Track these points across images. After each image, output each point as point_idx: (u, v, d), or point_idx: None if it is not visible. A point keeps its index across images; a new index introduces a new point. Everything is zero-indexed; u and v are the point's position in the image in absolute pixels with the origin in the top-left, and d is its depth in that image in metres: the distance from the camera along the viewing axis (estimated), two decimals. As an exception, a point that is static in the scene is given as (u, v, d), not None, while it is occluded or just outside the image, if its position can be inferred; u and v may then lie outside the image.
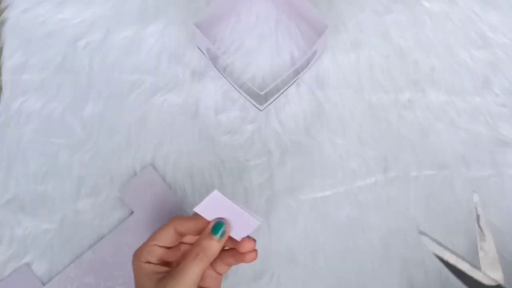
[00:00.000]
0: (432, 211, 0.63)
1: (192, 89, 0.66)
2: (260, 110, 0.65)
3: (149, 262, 0.51)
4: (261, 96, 0.63)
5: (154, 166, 0.64)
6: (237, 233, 0.52)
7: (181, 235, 0.53)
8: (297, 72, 0.65)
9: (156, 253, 0.52)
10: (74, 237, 0.63)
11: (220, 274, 0.54)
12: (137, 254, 0.52)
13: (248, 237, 0.52)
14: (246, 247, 0.52)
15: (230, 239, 0.52)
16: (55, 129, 0.65)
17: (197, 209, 0.51)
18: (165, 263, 0.52)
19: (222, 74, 0.66)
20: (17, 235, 0.63)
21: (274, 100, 0.65)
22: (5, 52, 0.67)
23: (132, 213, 0.63)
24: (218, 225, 0.51)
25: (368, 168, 0.64)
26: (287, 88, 0.65)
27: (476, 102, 0.65)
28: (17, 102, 0.66)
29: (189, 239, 0.54)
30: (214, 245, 0.50)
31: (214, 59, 0.65)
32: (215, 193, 0.50)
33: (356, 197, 0.63)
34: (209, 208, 0.51)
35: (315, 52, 0.64)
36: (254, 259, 0.52)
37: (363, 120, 0.65)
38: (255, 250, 0.52)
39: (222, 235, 0.51)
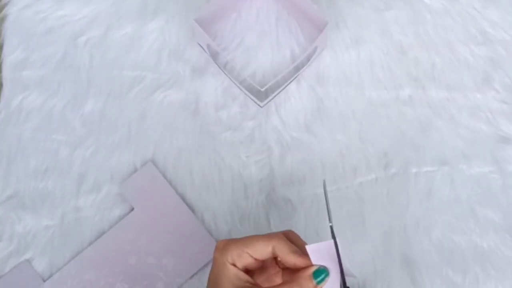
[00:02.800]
0: (432, 207, 0.63)
1: (192, 85, 0.66)
2: (261, 107, 0.65)
3: (235, 265, 0.49)
4: (261, 92, 0.63)
5: (154, 162, 0.64)
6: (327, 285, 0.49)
7: (275, 255, 0.50)
8: (297, 69, 0.65)
9: (245, 261, 0.49)
10: (74, 234, 0.63)
11: None
12: (225, 251, 0.49)
13: None
14: None
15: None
16: (55, 126, 0.65)
17: (309, 248, 0.48)
18: (246, 270, 0.50)
19: (222, 71, 0.66)
20: (17, 231, 0.63)
21: (275, 96, 0.65)
22: (5, 49, 0.67)
23: (132, 209, 0.63)
24: (323, 272, 0.48)
25: (368, 164, 0.64)
26: (287, 85, 0.65)
27: (477, 98, 0.65)
28: (17, 98, 0.66)
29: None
30: None
31: (214, 56, 0.65)
32: (331, 243, 0.48)
33: (357, 193, 0.63)
34: (319, 251, 0.48)
35: (316, 49, 0.64)
36: None
37: (364, 117, 0.65)
38: None
39: (320, 283, 0.48)
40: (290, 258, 0.48)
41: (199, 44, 0.66)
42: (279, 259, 0.50)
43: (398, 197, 0.63)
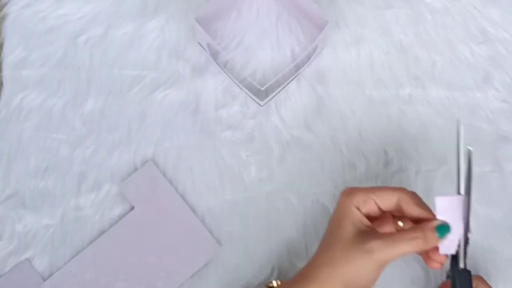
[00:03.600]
0: (433, 206, 0.63)
1: (192, 84, 0.66)
2: (261, 106, 0.65)
3: (359, 209, 0.51)
4: (261, 91, 0.63)
5: (154, 161, 0.64)
6: (444, 245, 0.51)
7: (398, 208, 0.52)
8: (297, 68, 0.65)
9: (370, 207, 0.51)
10: (74, 233, 0.63)
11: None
12: (351, 195, 0.51)
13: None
14: (440, 259, 0.51)
15: None
16: (55, 125, 0.65)
17: (438, 200, 0.50)
18: (367, 216, 0.52)
19: (222, 70, 0.66)
20: (17, 230, 0.63)
21: (275, 95, 0.65)
22: (5, 48, 0.67)
23: (132, 208, 0.63)
24: (446, 229, 0.50)
25: (368, 163, 0.64)
26: (287, 84, 0.65)
27: (477, 97, 0.65)
28: (17, 97, 0.66)
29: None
30: (432, 241, 0.49)
31: (214, 55, 0.65)
32: (461, 198, 0.50)
33: (357, 192, 0.63)
34: (445, 205, 0.50)
35: (316, 48, 0.64)
36: (434, 268, 0.52)
37: (364, 115, 0.65)
38: (441, 265, 0.52)
39: (442, 237, 0.50)
40: (415, 210, 0.50)
41: (199, 43, 0.66)
42: (404, 210, 0.51)
43: (399, 196, 0.63)
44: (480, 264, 0.61)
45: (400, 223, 0.54)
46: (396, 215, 0.54)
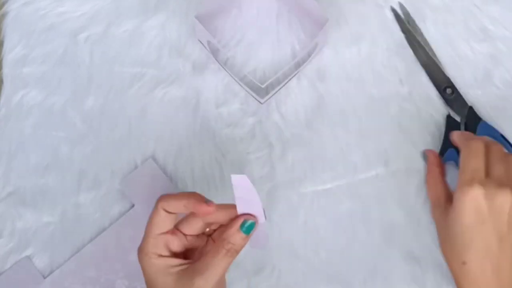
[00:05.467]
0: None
1: (193, 82, 0.66)
2: (261, 103, 0.65)
3: (161, 255, 0.49)
4: (262, 89, 0.63)
5: (155, 159, 0.64)
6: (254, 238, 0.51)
7: (173, 214, 0.50)
8: (298, 65, 0.65)
9: (162, 242, 0.49)
10: (75, 230, 0.63)
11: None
12: (142, 251, 0.49)
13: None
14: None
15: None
16: (56, 122, 0.65)
17: (234, 178, 0.49)
18: (175, 255, 0.50)
19: (223, 67, 0.66)
20: (18, 228, 0.63)
21: (275, 93, 0.65)
22: (6, 46, 0.67)
23: (133, 206, 0.63)
24: (251, 225, 0.50)
25: (369, 161, 0.64)
26: (288, 81, 0.65)
27: (477, 94, 0.65)
28: (18, 95, 0.66)
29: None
30: (243, 241, 0.49)
31: (215, 52, 0.65)
32: (243, 178, 0.49)
33: (357, 190, 0.63)
34: (241, 184, 0.49)
35: (316, 45, 0.64)
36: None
37: (364, 113, 0.65)
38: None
39: (249, 232, 0.50)
40: (180, 204, 0.49)
41: (199, 41, 0.66)
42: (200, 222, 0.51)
43: (399, 194, 0.63)
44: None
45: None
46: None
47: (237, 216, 0.50)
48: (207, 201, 0.50)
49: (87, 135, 0.65)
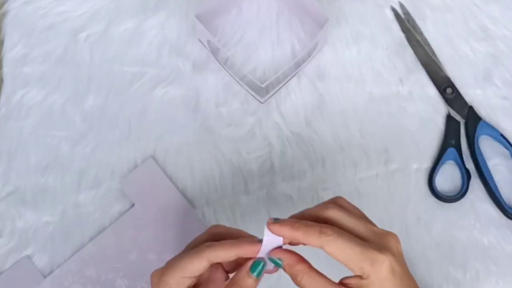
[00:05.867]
0: (433, 203, 0.63)
1: (193, 81, 0.66)
2: (261, 103, 0.65)
3: None
4: (262, 88, 0.63)
5: (155, 158, 0.64)
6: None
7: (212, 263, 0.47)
8: (298, 65, 0.65)
9: (185, 284, 0.46)
10: (75, 230, 0.63)
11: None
12: (163, 281, 0.46)
13: None
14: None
15: None
16: (56, 122, 0.65)
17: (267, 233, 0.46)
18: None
19: (223, 67, 0.66)
20: (18, 227, 0.63)
21: (275, 92, 0.65)
22: (6, 45, 0.67)
23: (133, 205, 0.63)
24: (257, 264, 0.46)
25: (369, 160, 0.64)
26: (288, 81, 0.65)
27: (477, 94, 0.65)
28: (18, 94, 0.66)
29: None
30: (251, 283, 0.46)
31: (215, 52, 0.65)
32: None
33: (357, 189, 0.63)
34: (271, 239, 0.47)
35: (316, 45, 0.64)
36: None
37: (364, 112, 0.65)
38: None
39: (259, 275, 0.47)
40: (229, 256, 0.46)
41: (199, 40, 0.66)
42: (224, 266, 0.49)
43: (399, 193, 0.63)
44: (480, 261, 0.61)
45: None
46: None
47: (247, 258, 0.47)
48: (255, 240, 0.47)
49: (87, 135, 0.65)
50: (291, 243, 0.47)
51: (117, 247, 0.62)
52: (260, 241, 0.46)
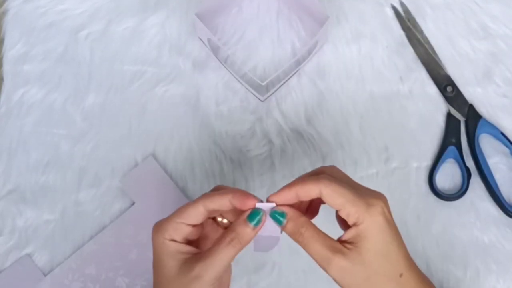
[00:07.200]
0: (433, 201, 0.63)
1: (193, 80, 0.66)
2: (261, 101, 0.65)
3: (174, 240, 0.48)
4: (262, 86, 0.63)
5: (155, 156, 0.64)
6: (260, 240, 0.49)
7: (210, 213, 0.49)
8: (298, 63, 0.65)
9: (183, 231, 0.48)
10: (75, 228, 0.63)
11: None
12: (160, 230, 0.48)
13: None
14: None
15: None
16: (56, 120, 0.65)
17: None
18: (188, 242, 0.49)
19: (223, 65, 0.66)
20: (18, 225, 0.63)
21: (276, 90, 0.65)
22: (6, 43, 0.67)
23: (133, 203, 0.63)
24: (255, 213, 0.47)
25: (369, 158, 0.64)
26: (288, 79, 0.65)
27: (477, 92, 0.65)
28: (18, 93, 0.66)
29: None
30: (249, 232, 0.47)
31: (215, 50, 0.65)
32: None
33: (358, 187, 0.63)
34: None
35: (316, 43, 0.64)
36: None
37: (364, 111, 0.65)
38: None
39: (257, 224, 0.47)
40: (223, 203, 0.47)
41: (199, 39, 0.66)
42: (219, 216, 0.51)
43: (399, 191, 0.63)
44: (480, 259, 0.61)
45: (220, 219, 0.52)
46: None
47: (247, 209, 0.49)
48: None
49: (87, 133, 0.65)
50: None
51: (117, 246, 0.62)
52: (256, 198, 0.48)
